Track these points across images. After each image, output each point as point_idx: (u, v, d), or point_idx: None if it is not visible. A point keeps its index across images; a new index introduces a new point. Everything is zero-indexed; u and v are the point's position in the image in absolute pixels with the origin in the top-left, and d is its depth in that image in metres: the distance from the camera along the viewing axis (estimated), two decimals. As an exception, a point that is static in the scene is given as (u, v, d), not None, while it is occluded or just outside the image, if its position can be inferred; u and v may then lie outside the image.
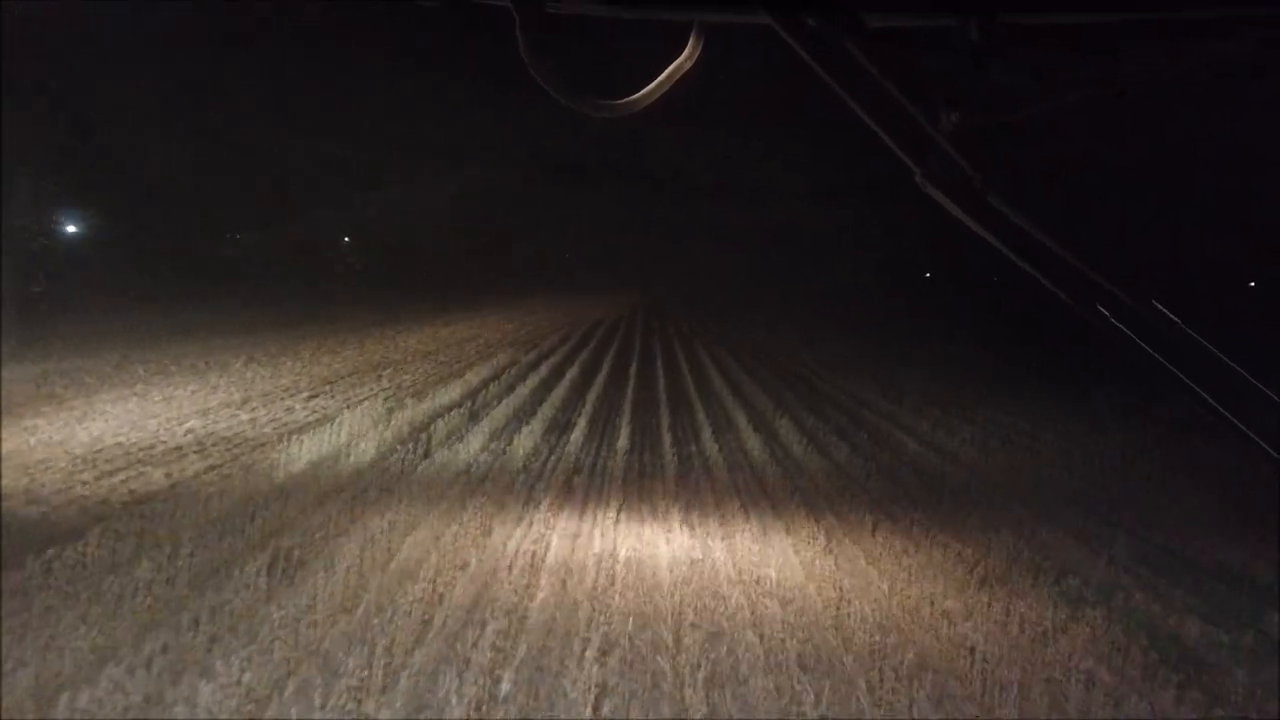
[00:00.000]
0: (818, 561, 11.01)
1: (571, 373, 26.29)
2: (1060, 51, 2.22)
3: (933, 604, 9.75)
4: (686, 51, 2.29)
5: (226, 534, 10.35)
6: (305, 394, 21.40)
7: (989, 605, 10.02)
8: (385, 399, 20.96)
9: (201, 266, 63.72)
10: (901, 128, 2.08)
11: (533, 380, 24.46)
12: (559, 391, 22.75)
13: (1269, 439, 2.17)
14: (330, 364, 26.91)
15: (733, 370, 29.71)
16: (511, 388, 23.20)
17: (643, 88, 2.30)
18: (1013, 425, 22.28)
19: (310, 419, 18.34)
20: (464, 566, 10.06)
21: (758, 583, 10.11)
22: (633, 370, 27.39)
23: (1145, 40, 2.21)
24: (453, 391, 22.01)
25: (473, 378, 24.59)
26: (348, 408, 19.61)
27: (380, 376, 24.81)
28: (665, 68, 2.32)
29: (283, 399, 20.58)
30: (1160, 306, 2.16)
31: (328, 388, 22.44)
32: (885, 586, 10.43)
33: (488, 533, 11.35)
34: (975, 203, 2.07)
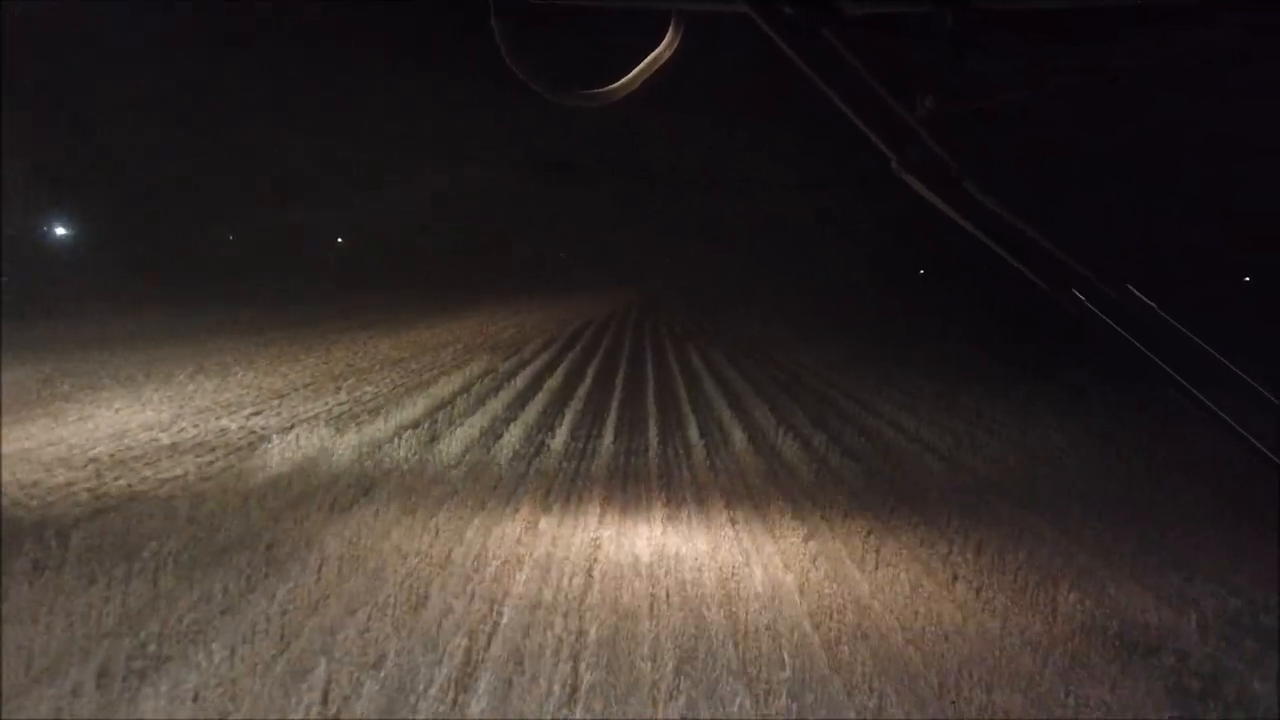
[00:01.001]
0: (845, 648, 8.48)
1: (552, 382, 23.76)
2: (1039, 38, 2.15)
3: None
4: (665, 41, 2.26)
5: (68, 627, 7.81)
6: (247, 410, 18.86)
7: (1066, 701, 7.53)
8: (335, 417, 18.42)
9: (184, 267, 61.36)
10: (879, 116, 2.04)
11: (507, 392, 21.92)
12: (535, 406, 20.21)
13: (1242, 421, 2.12)
14: (287, 374, 24.37)
15: (729, 376, 27.18)
16: (483, 401, 20.65)
17: (622, 77, 2.29)
18: (1052, 440, 19.77)
19: (241, 442, 15.80)
20: (376, 665, 7.53)
21: (769, 687, 7.57)
22: (619, 379, 24.81)
23: (1127, 26, 2.13)
24: (415, 407, 19.47)
25: (442, 389, 22.07)
26: (289, 428, 17.07)
27: (339, 388, 22.29)
28: (644, 57, 2.31)
29: (219, 417, 18.03)
30: (1136, 292, 2.14)
31: (275, 403, 19.90)
32: (935, 683, 7.92)
33: (418, 607, 8.81)
34: (952, 190, 2.04)
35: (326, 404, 20.04)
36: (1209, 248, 59.38)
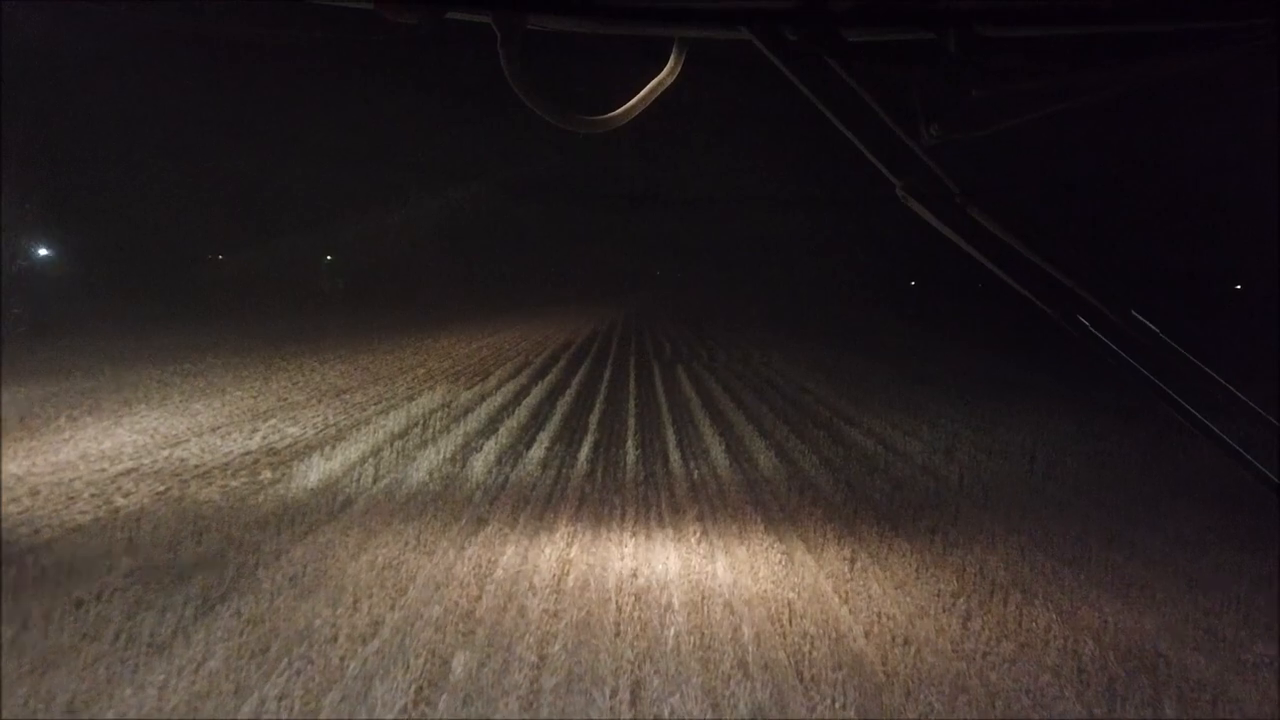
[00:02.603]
0: None
1: (514, 420, 19.81)
2: (1037, 64, 2.15)
3: None
4: (668, 68, 2.29)
5: None
6: (120, 467, 14.91)
7: None
8: (230, 473, 14.49)
9: (150, 290, 57.19)
10: (882, 141, 2.07)
11: (456, 435, 17.97)
12: (487, 455, 16.28)
13: (1243, 442, 2.09)
14: (200, 413, 20.39)
15: (726, 411, 23.27)
16: (422, 448, 16.70)
17: (625, 102, 2.31)
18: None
19: (80, 518, 11.86)
20: None
21: None
22: (594, 418, 20.81)
23: (1117, 51, 2.14)
24: (333, 460, 15.53)
25: (376, 433, 18.14)
26: (160, 494, 13.15)
27: (254, 432, 18.33)
28: (647, 83, 2.33)
29: (73, 479, 14.05)
30: (1139, 316, 2.13)
31: (162, 454, 15.93)
32: None
33: None
34: (955, 215, 2.07)
35: (227, 454, 16.09)
36: (1212, 261, 58.62)
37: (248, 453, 16.31)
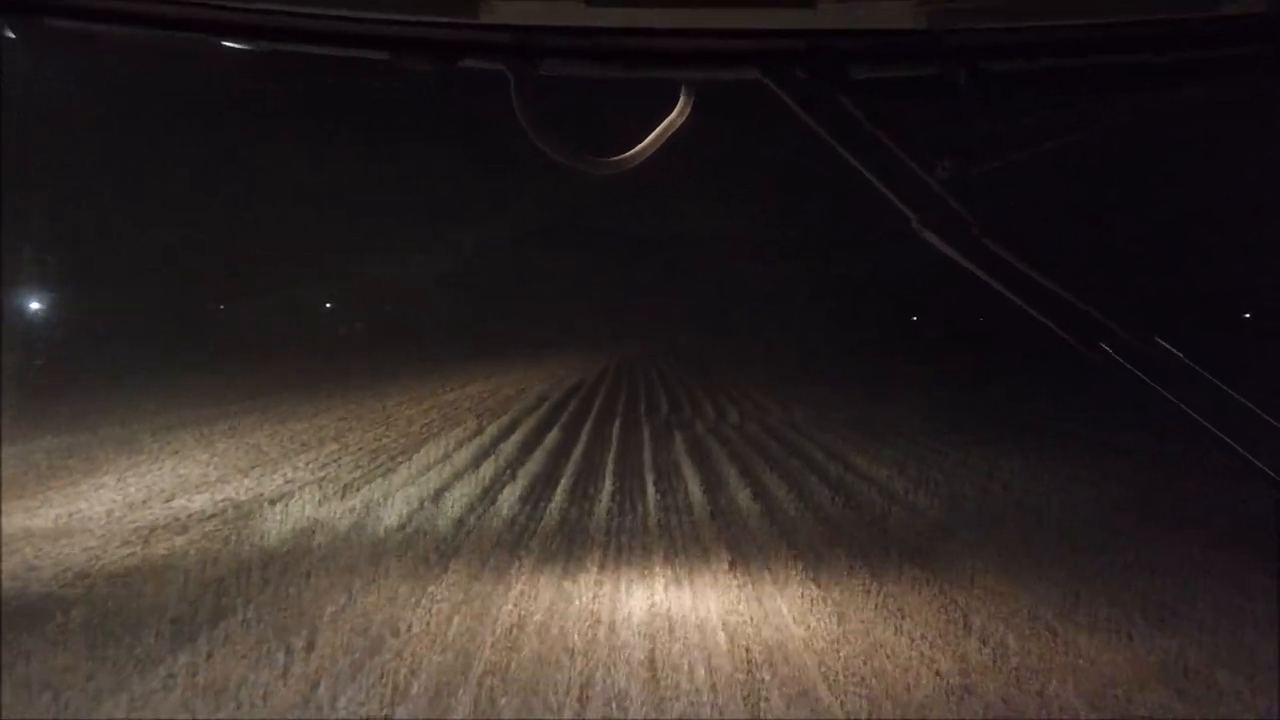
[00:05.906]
0: None
1: (451, 504, 14.33)
2: (1045, 96, 2.20)
3: None
4: (678, 109, 2.33)
5: None
6: None
7: None
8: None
9: (93, 344, 50.96)
10: (896, 176, 2.10)
11: (369, 534, 12.42)
12: (421, 546, 11.08)
13: (1276, 467, 2.08)
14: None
15: (723, 491, 17.73)
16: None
17: (636, 144, 2.34)
18: None
19: None
20: None
21: None
22: (552, 508, 14.82)
23: (1130, 82, 2.17)
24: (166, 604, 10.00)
25: (273, 527, 12.86)
26: None
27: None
28: (658, 124, 2.35)
29: None
30: (1163, 343, 2.12)
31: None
32: None
33: None
34: (973, 247, 2.09)
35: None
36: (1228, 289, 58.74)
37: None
